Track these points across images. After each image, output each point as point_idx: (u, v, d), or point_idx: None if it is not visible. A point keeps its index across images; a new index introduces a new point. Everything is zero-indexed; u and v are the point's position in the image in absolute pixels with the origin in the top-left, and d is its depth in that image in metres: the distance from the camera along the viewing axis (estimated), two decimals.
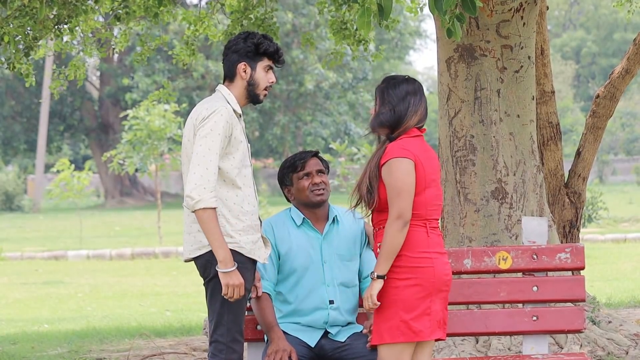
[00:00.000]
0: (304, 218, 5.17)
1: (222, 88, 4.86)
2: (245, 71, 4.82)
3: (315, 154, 5.22)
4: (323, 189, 5.15)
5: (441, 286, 4.69)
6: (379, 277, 4.66)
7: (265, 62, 4.84)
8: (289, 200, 5.25)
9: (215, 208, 4.60)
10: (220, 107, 4.70)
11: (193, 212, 4.62)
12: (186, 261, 4.86)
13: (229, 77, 4.85)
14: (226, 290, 4.62)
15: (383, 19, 4.74)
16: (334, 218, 5.19)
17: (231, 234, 4.69)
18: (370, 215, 4.83)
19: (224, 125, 4.67)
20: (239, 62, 4.81)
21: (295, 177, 5.17)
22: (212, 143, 4.64)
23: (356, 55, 10.55)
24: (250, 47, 4.80)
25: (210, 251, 4.67)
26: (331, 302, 5.11)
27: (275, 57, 4.86)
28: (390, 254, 4.65)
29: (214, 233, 4.60)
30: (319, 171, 5.17)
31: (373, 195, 4.72)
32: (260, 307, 5.05)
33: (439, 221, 4.88)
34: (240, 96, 4.84)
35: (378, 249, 4.78)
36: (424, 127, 4.82)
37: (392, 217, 4.65)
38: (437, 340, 4.75)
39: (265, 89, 4.85)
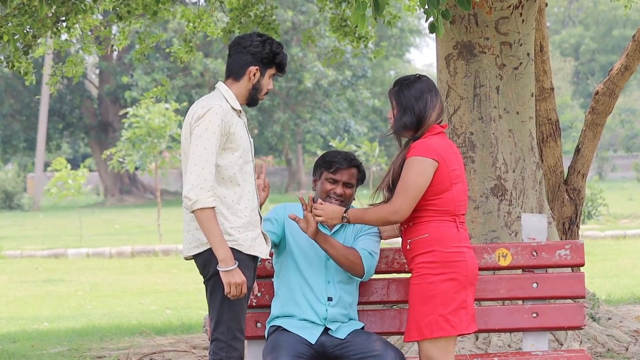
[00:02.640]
0: None
1: (220, 85, 4.86)
2: (254, 75, 4.82)
3: (357, 166, 5.19)
4: (342, 201, 5.14)
5: (473, 280, 4.78)
6: (345, 217, 4.88)
7: (273, 70, 4.87)
8: (313, 189, 5.27)
9: (213, 207, 4.61)
10: (215, 105, 4.70)
11: (191, 212, 4.63)
12: (186, 259, 4.87)
13: (235, 75, 4.84)
14: (228, 289, 4.63)
15: (378, 14, 4.75)
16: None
17: (229, 231, 4.69)
18: None
19: (219, 123, 4.66)
20: (252, 65, 4.81)
21: (325, 175, 5.17)
22: (208, 142, 4.64)
23: (357, 52, 10.54)
24: (268, 54, 4.81)
25: (210, 249, 4.67)
26: (329, 299, 5.12)
27: (283, 68, 4.89)
28: (367, 222, 4.87)
29: (213, 233, 4.61)
30: (347, 184, 5.16)
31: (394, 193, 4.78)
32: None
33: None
34: (240, 95, 4.84)
35: (407, 247, 4.82)
36: (445, 123, 4.86)
37: (389, 209, 4.73)
38: (467, 333, 4.80)
39: (265, 94, 4.89)
